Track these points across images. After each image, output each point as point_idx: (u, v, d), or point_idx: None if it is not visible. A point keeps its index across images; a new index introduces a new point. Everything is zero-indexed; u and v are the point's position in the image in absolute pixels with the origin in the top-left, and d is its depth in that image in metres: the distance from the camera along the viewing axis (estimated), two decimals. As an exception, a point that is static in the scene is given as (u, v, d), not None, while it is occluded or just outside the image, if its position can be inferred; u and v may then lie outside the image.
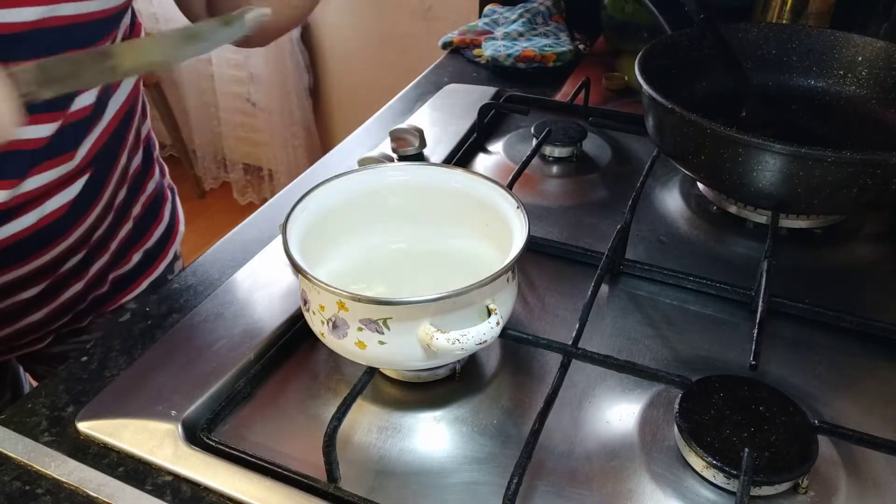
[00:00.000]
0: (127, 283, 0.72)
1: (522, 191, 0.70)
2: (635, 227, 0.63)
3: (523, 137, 0.79)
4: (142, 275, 0.73)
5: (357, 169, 0.52)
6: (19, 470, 0.44)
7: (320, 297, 0.43)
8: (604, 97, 0.90)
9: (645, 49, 0.68)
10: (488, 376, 0.51)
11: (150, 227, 0.72)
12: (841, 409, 0.48)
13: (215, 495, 0.42)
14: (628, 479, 0.43)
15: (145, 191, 0.71)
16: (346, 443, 0.45)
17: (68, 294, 0.65)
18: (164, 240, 0.74)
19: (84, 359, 0.52)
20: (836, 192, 0.54)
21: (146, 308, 0.57)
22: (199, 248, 0.65)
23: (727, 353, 0.52)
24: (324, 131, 2.14)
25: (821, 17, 0.86)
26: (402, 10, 1.75)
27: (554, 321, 0.55)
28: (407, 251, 0.55)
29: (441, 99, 0.86)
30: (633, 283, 0.59)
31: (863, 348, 0.53)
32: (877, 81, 0.71)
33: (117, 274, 0.70)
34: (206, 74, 2.12)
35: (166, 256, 0.75)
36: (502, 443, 0.46)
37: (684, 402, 0.44)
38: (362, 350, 0.43)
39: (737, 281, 0.57)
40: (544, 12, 1.08)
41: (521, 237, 0.45)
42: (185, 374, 0.49)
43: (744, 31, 0.75)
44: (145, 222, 0.71)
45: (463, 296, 0.41)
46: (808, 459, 0.41)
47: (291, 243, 0.45)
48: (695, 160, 0.60)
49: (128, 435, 0.45)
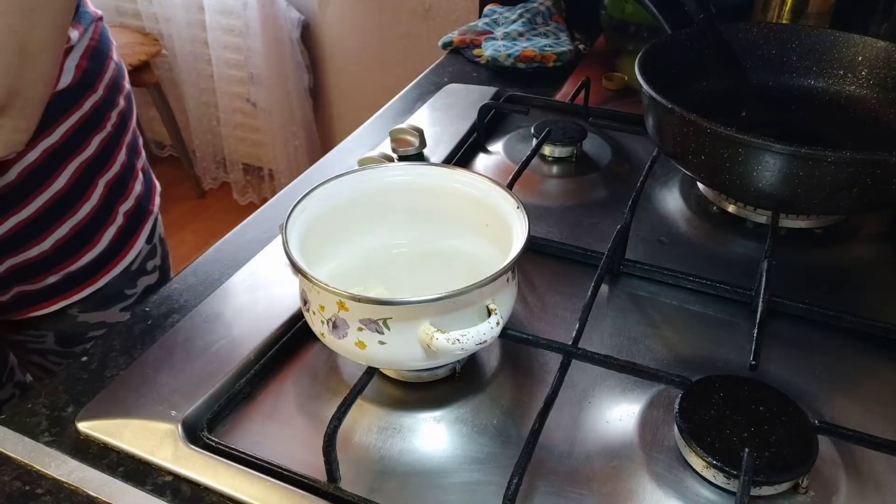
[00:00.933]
0: (35, 300, 0.69)
1: (522, 191, 0.70)
2: (635, 227, 0.63)
3: (523, 137, 0.79)
4: (61, 294, 0.70)
5: (357, 169, 0.52)
6: (19, 470, 0.44)
7: (320, 297, 0.43)
8: (604, 97, 0.90)
9: (645, 49, 0.68)
10: (488, 376, 0.51)
11: (76, 252, 0.69)
12: (841, 409, 0.48)
13: (215, 495, 0.43)
14: (628, 479, 0.43)
15: (74, 214, 0.67)
16: (346, 443, 0.45)
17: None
18: (99, 264, 0.71)
19: (84, 359, 0.52)
20: (836, 192, 0.54)
21: (146, 308, 0.57)
22: (199, 248, 0.65)
23: (727, 353, 0.52)
24: (324, 131, 2.14)
25: (821, 17, 0.86)
26: (402, 9, 1.75)
27: (554, 321, 0.55)
28: (407, 251, 0.55)
29: (441, 99, 0.86)
30: (633, 283, 0.59)
31: (863, 348, 0.53)
32: (877, 81, 0.71)
33: (23, 290, 0.68)
34: (205, 74, 2.12)
35: (101, 278, 0.71)
36: (502, 443, 0.46)
37: (684, 402, 0.44)
38: (362, 350, 0.43)
39: (737, 281, 0.57)
40: (544, 12, 1.08)
41: (521, 237, 0.45)
42: (185, 374, 0.49)
43: (744, 31, 0.75)
44: (70, 247, 0.68)
45: (463, 296, 0.41)
46: (808, 459, 0.41)
47: (291, 243, 0.45)
48: (695, 160, 0.60)
49: (128, 435, 0.45)
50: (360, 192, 0.52)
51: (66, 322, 0.72)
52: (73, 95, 0.64)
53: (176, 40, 2.09)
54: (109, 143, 0.69)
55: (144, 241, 0.75)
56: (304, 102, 2.04)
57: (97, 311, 0.73)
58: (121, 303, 0.74)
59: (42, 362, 0.76)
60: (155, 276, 0.78)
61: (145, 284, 0.77)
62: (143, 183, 0.75)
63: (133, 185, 0.73)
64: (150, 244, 0.76)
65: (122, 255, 0.72)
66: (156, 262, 0.78)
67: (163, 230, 0.81)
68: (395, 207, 0.53)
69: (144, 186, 0.75)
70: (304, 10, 1.92)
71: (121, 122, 0.70)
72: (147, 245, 0.76)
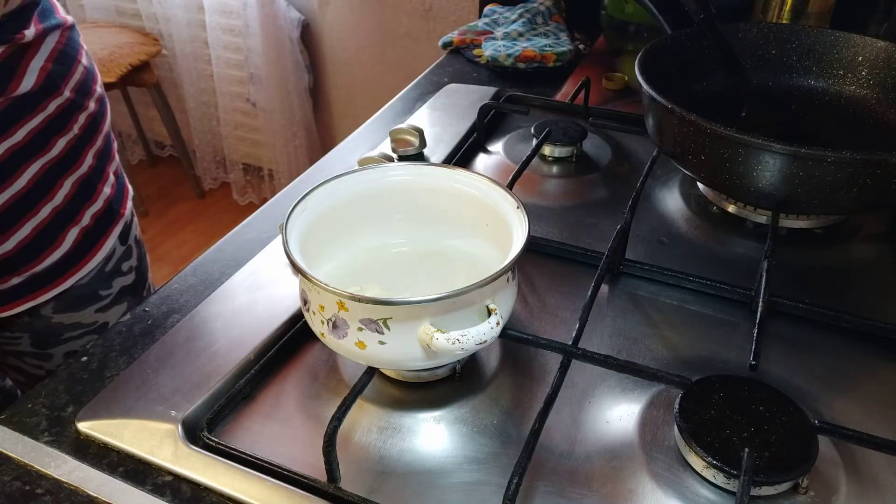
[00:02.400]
0: (6, 299, 0.69)
1: (522, 191, 0.70)
2: (635, 227, 0.63)
3: (523, 137, 0.79)
4: (20, 298, 0.69)
5: (357, 169, 0.52)
6: (19, 470, 0.44)
7: (320, 297, 0.43)
8: (604, 97, 0.90)
9: (645, 49, 0.68)
10: (488, 376, 0.51)
11: (39, 254, 0.68)
12: (841, 409, 0.48)
13: (215, 495, 0.43)
14: (628, 479, 0.43)
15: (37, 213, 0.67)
16: (346, 443, 0.45)
17: None
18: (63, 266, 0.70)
19: (84, 359, 0.52)
20: (836, 192, 0.54)
21: (146, 308, 0.57)
22: (199, 248, 0.65)
23: (727, 353, 0.52)
24: (324, 131, 2.14)
25: (821, 17, 0.86)
26: (402, 10, 1.75)
27: (554, 321, 0.55)
28: (407, 251, 0.55)
29: (441, 99, 0.86)
30: (633, 283, 0.59)
31: (863, 348, 0.53)
32: (877, 81, 0.71)
33: None
34: (205, 74, 2.12)
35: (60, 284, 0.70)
36: (502, 443, 0.46)
37: (684, 402, 0.44)
38: (362, 350, 0.43)
39: (737, 281, 0.57)
40: (544, 12, 1.08)
41: (521, 237, 0.45)
42: (185, 374, 0.49)
43: (744, 31, 0.75)
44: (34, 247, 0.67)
45: (463, 296, 0.41)
46: (808, 459, 0.41)
47: (291, 243, 0.45)
48: (695, 160, 0.60)
49: (128, 435, 0.45)
50: (360, 192, 0.52)
51: (41, 322, 0.72)
52: (36, 98, 0.64)
53: (176, 40, 2.09)
54: (77, 145, 0.68)
55: (118, 242, 0.75)
56: (304, 102, 2.04)
57: (70, 311, 0.73)
58: (95, 303, 0.74)
59: (19, 364, 0.76)
60: (131, 277, 0.78)
61: (121, 285, 0.76)
62: (115, 186, 0.75)
63: (102, 187, 0.72)
64: (124, 245, 0.76)
65: (89, 257, 0.72)
66: (131, 264, 0.78)
67: (139, 232, 0.81)
68: (395, 207, 0.53)
69: (116, 189, 0.74)
70: (304, 10, 1.92)
71: (90, 125, 0.70)
72: (122, 246, 0.76)
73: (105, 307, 0.75)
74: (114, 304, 0.76)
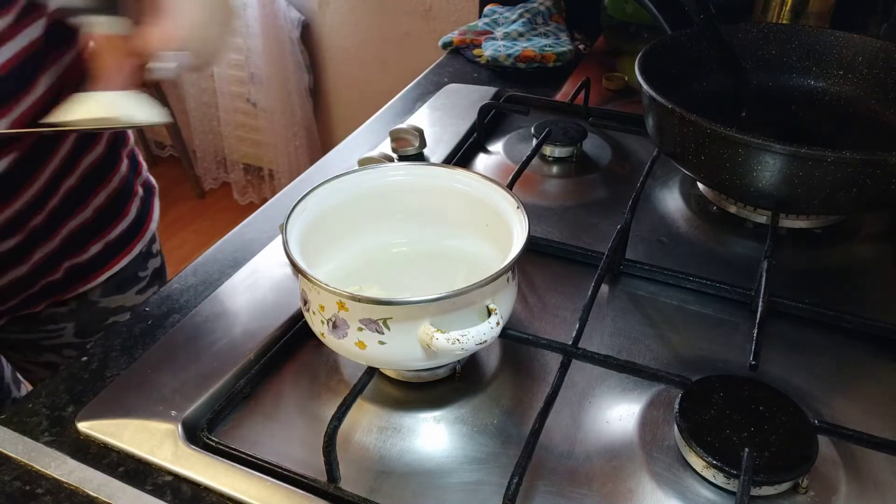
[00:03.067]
0: (84, 272, 0.71)
1: (522, 191, 0.70)
2: (635, 227, 0.63)
3: (523, 137, 0.79)
4: (102, 267, 0.72)
5: (357, 169, 0.52)
6: (19, 470, 0.44)
7: (320, 297, 0.43)
8: (604, 97, 0.90)
9: (645, 49, 0.68)
10: (488, 376, 0.51)
11: (113, 220, 0.72)
12: (841, 409, 0.48)
13: (215, 495, 0.43)
14: (628, 479, 0.43)
15: (108, 183, 0.70)
16: (346, 443, 0.45)
17: (11, 276, 0.65)
18: (129, 235, 0.74)
19: (84, 359, 0.52)
20: (836, 192, 0.54)
21: (146, 308, 0.57)
22: (199, 248, 0.65)
23: (727, 353, 0.52)
24: (324, 131, 2.14)
25: (821, 17, 0.86)
26: (402, 9, 1.75)
27: (554, 321, 0.55)
28: (407, 251, 0.55)
29: (441, 99, 0.86)
30: (633, 283, 0.59)
31: (863, 348, 0.53)
32: (877, 81, 0.71)
33: (73, 262, 0.70)
34: (206, 74, 2.12)
35: (130, 251, 0.74)
36: (502, 443, 0.46)
37: (684, 402, 0.44)
38: (362, 350, 0.43)
39: (737, 281, 0.57)
40: (544, 12, 1.08)
41: (521, 237, 0.45)
42: (185, 374, 0.49)
43: (744, 31, 0.75)
44: (108, 214, 0.71)
45: (463, 296, 0.41)
46: (808, 459, 0.41)
47: (291, 243, 0.45)
48: (695, 160, 0.60)
49: (128, 435, 0.45)
50: (360, 192, 0.52)
51: (88, 310, 0.74)
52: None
53: (176, 40, 2.09)
54: None
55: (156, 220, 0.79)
56: (305, 102, 2.04)
57: (116, 294, 0.75)
58: (136, 285, 0.77)
59: (54, 359, 0.77)
60: (159, 260, 0.80)
61: (153, 267, 0.79)
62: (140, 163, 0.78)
63: (141, 161, 0.77)
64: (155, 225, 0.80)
65: (146, 226, 0.76)
66: (157, 247, 0.80)
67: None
68: (395, 207, 0.53)
69: (142, 166, 0.78)
70: (304, 10, 1.92)
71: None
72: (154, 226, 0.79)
73: (143, 289, 0.77)
74: (148, 288, 0.78)
